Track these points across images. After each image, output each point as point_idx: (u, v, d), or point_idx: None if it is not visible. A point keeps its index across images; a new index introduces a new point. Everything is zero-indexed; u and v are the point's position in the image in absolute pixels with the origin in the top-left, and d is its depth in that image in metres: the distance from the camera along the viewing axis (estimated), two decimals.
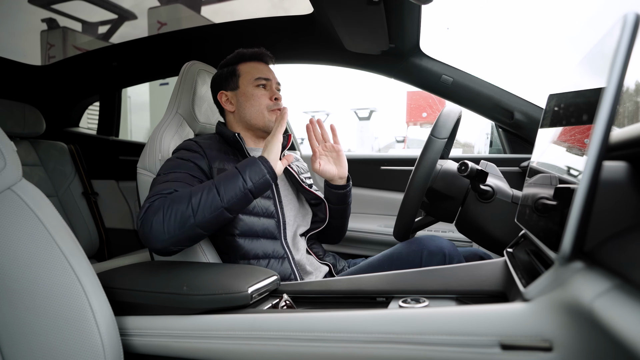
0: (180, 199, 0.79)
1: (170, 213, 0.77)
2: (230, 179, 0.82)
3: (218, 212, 0.80)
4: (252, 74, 1.05)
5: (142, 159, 1.04)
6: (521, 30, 35.79)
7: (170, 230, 0.77)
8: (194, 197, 0.79)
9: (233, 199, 0.80)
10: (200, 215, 0.78)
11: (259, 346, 0.61)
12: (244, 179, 0.82)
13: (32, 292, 0.60)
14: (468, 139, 5.28)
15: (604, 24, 0.46)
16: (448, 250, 0.89)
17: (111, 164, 2.14)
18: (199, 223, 0.78)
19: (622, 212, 0.42)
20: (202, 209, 0.78)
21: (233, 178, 0.82)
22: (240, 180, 0.82)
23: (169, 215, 0.77)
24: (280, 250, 1.00)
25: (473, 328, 0.48)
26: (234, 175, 0.82)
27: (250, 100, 1.04)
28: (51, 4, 2.11)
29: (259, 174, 0.83)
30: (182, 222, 0.77)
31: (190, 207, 0.78)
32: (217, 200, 0.79)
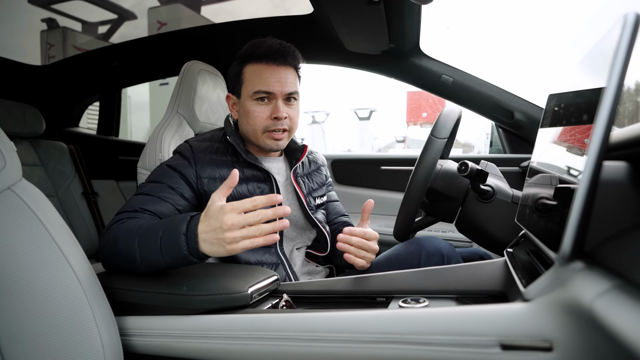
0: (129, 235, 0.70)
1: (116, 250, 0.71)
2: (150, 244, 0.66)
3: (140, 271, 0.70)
4: (253, 85, 0.89)
5: (142, 158, 1.04)
6: (521, 30, 35.77)
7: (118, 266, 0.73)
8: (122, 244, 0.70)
9: (151, 267, 0.68)
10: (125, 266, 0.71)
11: (259, 346, 0.61)
12: (162, 252, 0.65)
13: (32, 292, 0.60)
14: (468, 139, 5.29)
15: (604, 24, 0.46)
16: (446, 251, 0.89)
17: (111, 164, 2.14)
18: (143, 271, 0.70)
19: (622, 212, 0.42)
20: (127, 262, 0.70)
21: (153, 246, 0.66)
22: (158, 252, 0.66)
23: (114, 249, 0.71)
24: (273, 258, 0.95)
25: (473, 328, 0.48)
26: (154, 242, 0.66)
27: (247, 116, 0.90)
28: (51, 4, 2.11)
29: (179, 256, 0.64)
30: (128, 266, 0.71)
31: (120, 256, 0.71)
32: (137, 261, 0.68)
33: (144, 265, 0.68)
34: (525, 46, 29.49)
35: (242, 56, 0.93)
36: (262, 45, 0.90)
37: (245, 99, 0.91)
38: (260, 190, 0.94)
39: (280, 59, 0.90)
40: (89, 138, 2.21)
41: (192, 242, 0.63)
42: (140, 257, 0.68)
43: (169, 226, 0.66)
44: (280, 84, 0.89)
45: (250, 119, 0.90)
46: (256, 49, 0.90)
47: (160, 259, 0.66)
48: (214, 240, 0.61)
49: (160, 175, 0.88)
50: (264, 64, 0.90)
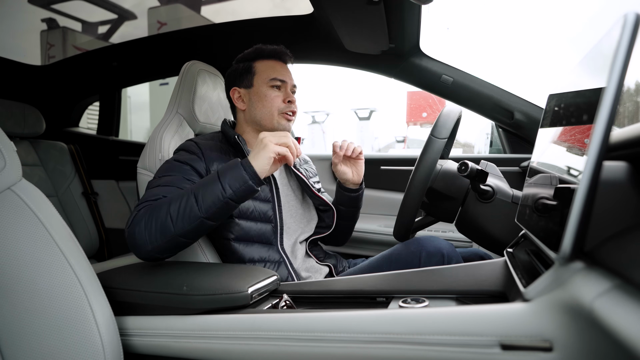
0: (160, 207, 0.77)
1: (151, 224, 0.75)
2: (209, 185, 0.76)
3: (198, 222, 0.75)
4: (268, 74, 1.01)
5: (142, 159, 1.04)
6: (521, 30, 35.76)
7: (153, 242, 0.76)
8: (172, 206, 0.76)
9: (212, 208, 0.75)
10: (179, 225, 0.75)
11: (259, 346, 0.61)
12: (223, 186, 0.75)
13: (32, 293, 0.60)
14: (468, 139, 5.29)
15: (604, 24, 0.46)
16: (446, 251, 0.89)
17: (111, 164, 2.14)
18: (179, 233, 0.75)
19: (622, 212, 0.42)
20: (182, 218, 0.75)
21: (212, 184, 0.76)
22: (219, 187, 0.75)
23: (150, 227, 0.75)
24: (275, 255, 0.98)
25: (473, 328, 0.48)
26: (213, 181, 0.77)
27: (262, 100, 1.01)
28: (51, 4, 2.11)
29: (240, 180, 0.76)
30: (162, 232, 0.75)
31: (169, 216, 0.75)
32: (195, 209, 0.75)
33: (204, 209, 0.75)
34: (525, 46, 29.44)
35: (248, 55, 1.06)
36: (267, 47, 1.05)
37: (260, 86, 1.02)
38: (261, 190, 0.97)
39: (284, 59, 1.06)
40: (89, 138, 2.21)
41: (249, 168, 0.77)
42: (198, 202, 0.75)
43: (224, 167, 0.79)
44: (288, 76, 1.05)
45: (267, 102, 1.01)
46: (263, 50, 1.05)
47: (221, 192, 0.75)
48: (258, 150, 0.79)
49: (171, 169, 0.90)
50: (273, 61, 1.04)
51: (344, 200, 1.12)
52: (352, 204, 1.13)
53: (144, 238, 0.75)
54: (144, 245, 0.76)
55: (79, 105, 2.22)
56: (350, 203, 1.12)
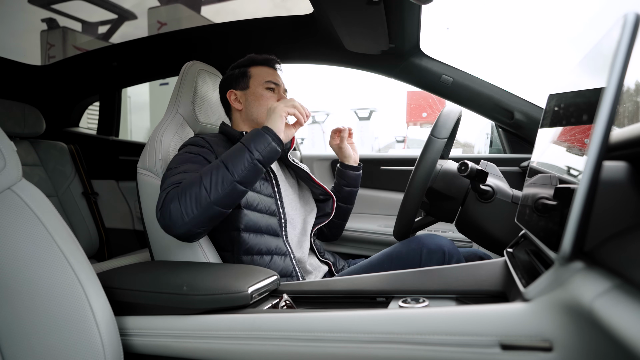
0: (192, 182, 0.81)
1: (185, 197, 0.79)
2: (237, 153, 0.84)
3: (231, 186, 0.81)
4: (263, 77, 1.10)
5: (142, 159, 1.04)
6: (522, 31, 35.74)
7: (189, 213, 0.79)
8: (204, 178, 0.81)
9: (243, 171, 0.82)
10: (214, 193, 0.80)
11: (259, 346, 0.61)
12: (250, 150, 0.84)
13: (32, 292, 0.60)
14: (468, 139, 5.29)
15: (605, 25, 0.46)
16: (447, 249, 0.89)
17: (111, 164, 2.14)
18: (215, 200, 0.80)
19: (622, 212, 0.42)
20: (215, 186, 0.80)
21: (239, 152, 0.84)
22: (247, 152, 0.83)
23: (184, 200, 0.79)
24: (282, 247, 1.01)
25: (473, 328, 0.48)
26: (240, 149, 0.84)
27: (259, 100, 1.09)
28: (51, 4, 2.11)
29: (264, 142, 0.85)
30: (198, 203, 0.79)
31: (203, 187, 0.80)
32: (228, 175, 0.81)
33: (237, 173, 0.82)
34: (525, 46, 29.45)
35: (243, 62, 1.14)
36: (260, 56, 1.14)
37: (256, 88, 1.10)
38: (264, 186, 1.04)
39: (273, 67, 1.16)
40: (89, 138, 2.21)
41: (269, 131, 0.87)
42: (230, 168, 0.82)
43: (248, 136, 0.87)
44: (280, 81, 1.14)
45: (263, 101, 1.09)
46: (256, 58, 1.14)
47: (250, 155, 0.83)
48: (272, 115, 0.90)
49: (186, 160, 0.92)
50: (266, 67, 1.13)
51: (347, 177, 1.23)
52: (353, 183, 1.24)
53: (179, 213, 0.79)
54: (181, 219, 0.79)
55: (79, 105, 2.22)
56: (353, 181, 1.24)
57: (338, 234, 1.30)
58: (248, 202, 0.98)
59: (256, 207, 0.99)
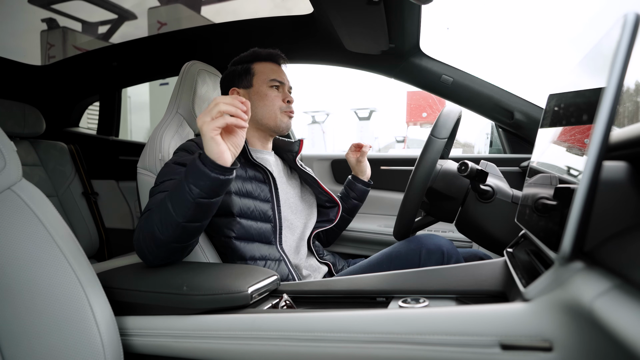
0: (150, 218, 0.74)
1: (144, 235, 0.74)
2: (177, 189, 0.72)
3: (180, 228, 0.71)
4: (267, 74, 1.05)
5: (142, 159, 1.04)
6: (522, 31, 35.75)
7: (151, 252, 0.75)
8: (155, 215, 0.73)
9: (187, 212, 0.71)
10: (165, 234, 0.72)
11: (259, 346, 0.61)
12: (189, 187, 0.70)
13: (32, 292, 0.60)
14: (468, 139, 5.29)
15: (605, 25, 0.46)
16: (446, 249, 0.89)
17: (111, 164, 2.14)
18: (171, 240, 0.73)
19: (622, 212, 0.42)
20: (165, 227, 0.72)
21: (180, 188, 0.71)
22: (186, 190, 0.70)
23: (144, 237, 0.74)
24: (275, 253, 0.99)
25: (473, 328, 0.48)
26: (180, 184, 0.72)
27: (263, 99, 1.04)
28: (51, 4, 2.11)
29: (203, 177, 0.70)
30: (155, 242, 0.73)
31: (155, 226, 0.73)
32: (173, 216, 0.71)
33: (179, 214, 0.70)
34: (525, 46, 29.48)
35: (246, 57, 1.09)
36: (264, 50, 1.08)
37: (260, 86, 1.05)
38: (261, 190, 1.01)
39: (278, 62, 1.10)
40: (89, 138, 2.21)
41: (207, 159, 0.70)
42: (173, 209, 0.71)
43: (187, 167, 0.72)
44: (286, 78, 1.10)
45: (268, 101, 1.05)
46: (259, 53, 1.08)
47: (189, 194, 0.70)
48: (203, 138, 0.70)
49: (170, 173, 0.89)
50: (270, 63, 1.08)
51: (357, 190, 1.26)
52: (361, 196, 1.27)
53: (143, 250, 0.75)
54: (146, 257, 0.77)
55: (79, 105, 2.22)
56: (361, 195, 1.27)
57: (332, 240, 1.31)
58: (242, 210, 0.96)
59: (250, 214, 0.97)
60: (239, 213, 0.95)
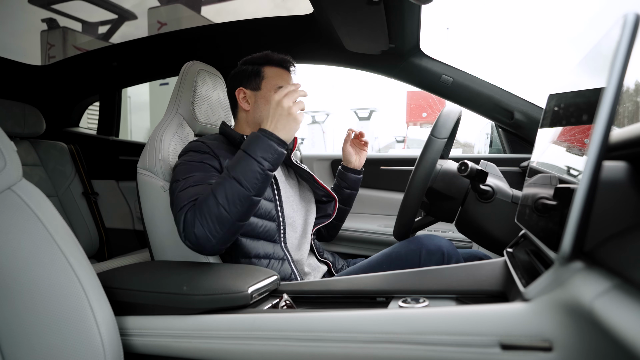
0: (208, 203, 0.79)
1: (207, 220, 0.78)
2: (245, 165, 0.80)
3: (249, 201, 0.80)
4: (277, 81, 1.06)
5: (142, 159, 1.04)
6: (522, 31, 35.76)
7: (215, 235, 0.78)
8: (219, 197, 0.78)
9: (257, 184, 0.80)
10: (234, 211, 0.78)
11: (259, 346, 0.61)
12: (259, 161, 0.80)
13: (32, 292, 0.60)
14: (468, 139, 5.29)
15: (605, 25, 0.46)
16: (447, 249, 0.89)
17: (111, 164, 2.14)
18: (237, 218, 0.79)
19: (622, 212, 0.42)
20: (234, 204, 0.78)
21: (247, 163, 0.80)
22: (256, 164, 0.80)
23: (207, 223, 0.78)
24: (279, 252, 1.00)
25: (473, 328, 0.48)
26: (247, 160, 0.80)
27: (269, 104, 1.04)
28: (51, 4, 2.11)
29: (271, 150, 0.81)
30: (221, 223, 0.78)
31: (221, 207, 0.78)
32: (243, 191, 0.79)
33: (250, 187, 0.79)
34: (525, 46, 29.49)
35: (258, 59, 1.09)
36: (276, 55, 1.09)
37: (267, 91, 1.06)
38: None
39: (291, 68, 1.11)
40: (89, 138, 2.21)
41: (271, 135, 0.82)
42: (243, 184, 0.79)
43: (249, 144, 0.82)
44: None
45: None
46: (272, 57, 1.09)
47: (259, 166, 0.80)
48: (284, 121, 0.83)
49: (191, 169, 0.91)
50: (280, 69, 1.08)
51: (347, 180, 1.25)
52: (353, 185, 1.26)
53: (205, 236, 0.78)
54: (209, 242, 0.78)
55: (79, 105, 2.22)
56: (352, 184, 1.26)
57: (334, 234, 1.31)
58: None
59: (256, 212, 0.98)
60: None
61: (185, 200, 0.83)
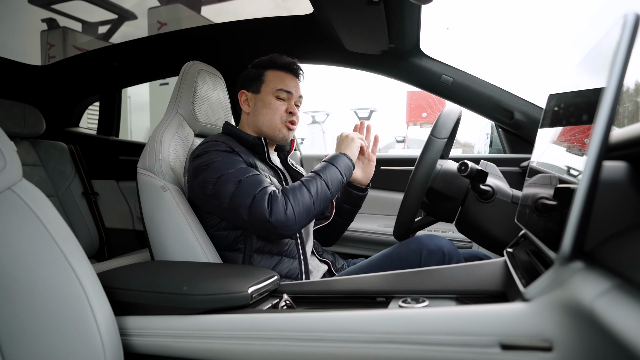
0: (302, 194, 0.90)
1: (299, 206, 0.89)
2: (334, 175, 0.96)
3: (328, 201, 0.95)
4: (276, 84, 1.07)
5: (142, 159, 1.04)
6: (522, 31, 35.74)
7: (300, 221, 0.89)
8: (312, 191, 0.91)
9: (337, 190, 0.97)
10: (317, 206, 0.92)
11: (259, 346, 0.61)
12: (342, 173, 0.98)
13: (32, 292, 0.60)
14: (468, 139, 5.29)
15: (605, 25, 0.46)
16: (447, 250, 0.89)
17: (111, 164, 2.14)
18: (317, 212, 0.93)
19: (622, 212, 0.42)
20: (320, 201, 0.92)
21: (335, 174, 0.96)
22: (340, 175, 0.97)
23: (298, 208, 0.88)
24: (293, 249, 1.02)
25: (473, 328, 0.48)
26: (335, 172, 0.96)
27: (266, 107, 1.07)
28: (51, 4, 2.11)
29: (348, 168, 1.00)
30: (308, 213, 0.90)
31: (312, 200, 0.91)
32: (328, 192, 0.94)
33: (334, 192, 0.96)
34: (525, 46, 29.47)
35: (262, 63, 1.10)
36: (281, 59, 1.10)
37: (266, 94, 1.07)
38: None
39: (294, 72, 1.11)
40: (89, 138, 2.21)
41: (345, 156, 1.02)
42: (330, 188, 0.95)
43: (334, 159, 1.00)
44: (295, 88, 1.10)
45: (270, 110, 1.07)
46: (276, 60, 1.09)
47: (342, 179, 0.98)
48: (349, 144, 1.05)
49: (230, 163, 0.94)
50: (284, 72, 1.09)
51: (348, 197, 1.17)
52: (355, 203, 1.18)
53: (294, 218, 0.87)
54: (293, 226, 0.88)
55: (79, 105, 2.22)
56: (354, 201, 1.18)
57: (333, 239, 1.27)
58: None
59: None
60: None
61: (259, 186, 0.89)
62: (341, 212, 1.20)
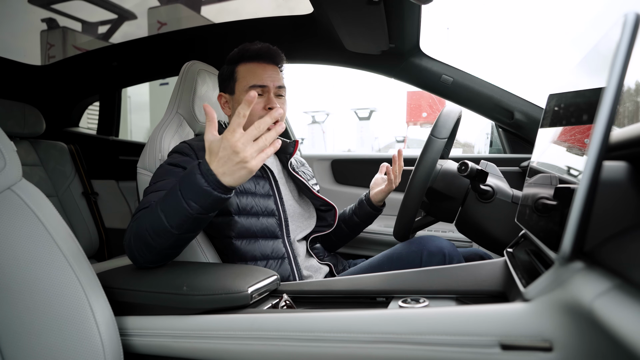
0: (141, 222, 0.72)
1: (137, 238, 0.72)
2: (173, 201, 0.67)
3: (174, 237, 0.69)
4: (248, 80, 0.96)
5: (142, 158, 1.04)
6: (522, 31, 35.77)
7: (142, 255, 0.73)
8: (147, 222, 0.70)
9: (184, 225, 0.67)
10: (158, 242, 0.70)
11: (259, 346, 0.61)
12: (187, 204, 0.65)
13: (32, 292, 0.60)
14: (468, 139, 5.29)
15: (605, 25, 0.46)
16: (448, 251, 0.89)
17: (111, 164, 2.14)
18: (161, 248, 0.71)
19: (622, 212, 0.42)
20: (157, 236, 0.69)
21: (176, 201, 0.66)
22: (183, 204, 0.65)
23: (136, 241, 0.72)
24: (280, 249, 0.97)
25: (473, 328, 0.48)
26: (174, 196, 0.67)
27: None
28: (51, 4, 2.11)
29: (204, 195, 0.65)
30: (147, 248, 0.71)
31: (147, 233, 0.70)
32: (168, 227, 0.67)
33: (175, 226, 0.67)
34: (525, 46, 29.52)
35: (233, 58, 1.00)
36: (252, 48, 0.98)
37: (240, 94, 0.98)
38: (261, 186, 0.99)
39: (269, 59, 0.98)
40: (89, 138, 2.21)
41: (211, 177, 0.64)
42: (167, 220, 0.67)
43: (183, 179, 0.67)
44: (271, 78, 0.97)
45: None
46: (247, 51, 0.98)
47: (186, 209, 0.65)
48: (234, 168, 0.63)
49: (163, 174, 0.87)
50: (255, 63, 0.98)
51: (363, 213, 1.16)
52: (368, 219, 1.17)
53: (133, 252, 0.73)
54: (136, 260, 0.75)
55: (79, 105, 2.22)
56: (367, 217, 1.17)
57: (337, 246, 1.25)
58: (240, 208, 0.93)
59: (250, 211, 0.95)
60: (236, 211, 0.93)
61: (141, 206, 0.78)
62: (350, 224, 1.18)
